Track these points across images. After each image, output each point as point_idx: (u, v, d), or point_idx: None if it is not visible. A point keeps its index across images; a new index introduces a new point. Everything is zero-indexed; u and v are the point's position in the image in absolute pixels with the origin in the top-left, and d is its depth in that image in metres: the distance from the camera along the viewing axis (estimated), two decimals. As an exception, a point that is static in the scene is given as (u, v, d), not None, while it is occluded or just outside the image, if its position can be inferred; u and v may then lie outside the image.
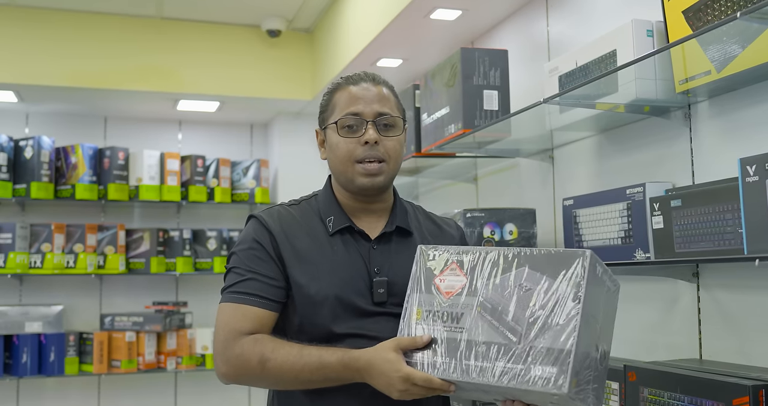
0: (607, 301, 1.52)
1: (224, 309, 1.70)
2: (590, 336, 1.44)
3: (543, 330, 1.41)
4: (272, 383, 1.70)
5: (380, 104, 1.77)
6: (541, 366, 1.39)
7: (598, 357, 1.48)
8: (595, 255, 1.45)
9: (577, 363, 1.37)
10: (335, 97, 1.80)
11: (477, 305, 1.51)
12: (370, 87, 1.79)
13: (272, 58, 5.16)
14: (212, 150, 5.66)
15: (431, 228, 1.91)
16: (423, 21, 3.55)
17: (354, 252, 1.76)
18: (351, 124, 1.75)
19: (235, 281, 1.72)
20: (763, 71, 1.92)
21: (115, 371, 5.01)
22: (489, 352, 1.46)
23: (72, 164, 5.02)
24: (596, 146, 2.73)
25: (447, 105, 2.97)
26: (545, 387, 1.37)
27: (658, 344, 2.35)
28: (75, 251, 4.99)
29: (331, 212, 1.80)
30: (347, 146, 1.75)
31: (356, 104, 1.76)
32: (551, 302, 1.43)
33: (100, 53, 4.80)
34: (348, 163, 1.75)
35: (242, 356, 1.64)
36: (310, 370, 1.60)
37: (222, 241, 5.41)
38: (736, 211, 1.81)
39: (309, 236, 1.77)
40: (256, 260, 1.72)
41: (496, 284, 1.51)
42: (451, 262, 1.59)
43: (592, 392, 1.45)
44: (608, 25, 2.53)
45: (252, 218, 1.80)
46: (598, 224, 2.39)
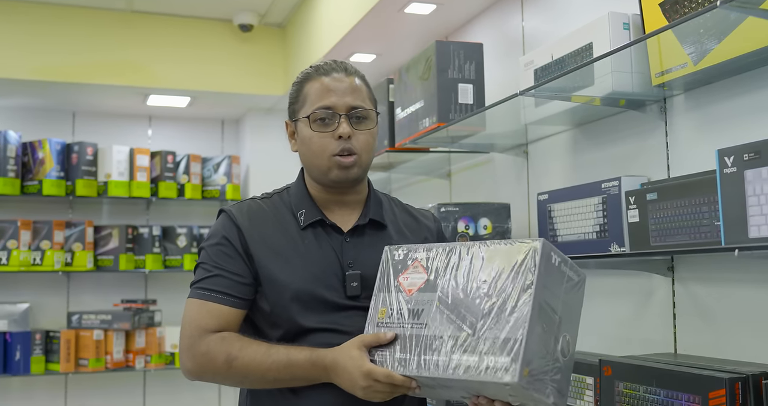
0: (568, 292, 1.51)
1: (191, 305, 1.69)
2: (546, 326, 1.43)
3: (495, 321, 1.42)
4: (238, 382, 1.68)
5: (353, 97, 1.73)
6: (493, 357, 1.39)
7: (559, 349, 1.46)
8: (549, 244, 1.46)
9: (528, 352, 1.37)
10: (306, 88, 1.76)
11: (436, 300, 1.52)
12: (343, 78, 1.75)
13: (244, 53, 5.11)
14: (183, 146, 5.59)
15: (407, 220, 1.89)
16: (397, 15, 3.53)
17: (326, 246, 1.74)
18: (323, 117, 1.72)
19: (202, 277, 1.70)
20: (739, 64, 1.91)
21: (82, 370, 4.94)
22: (446, 345, 1.46)
23: (39, 160, 4.93)
24: (571, 141, 2.72)
25: (421, 99, 2.95)
26: (496, 377, 1.37)
27: (632, 339, 2.34)
28: (42, 248, 4.90)
29: (302, 206, 1.77)
30: (320, 140, 1.72)
31: (328, 97, 1.72)
32: (504, 293, 1.43)
33: (69, 47, 4.72)
34: (322, 157, 1.72)
35: (208, 354, 1.63)
36: (278, 368, 1.59)
37: (192, 238, 5.35)
38: (712, 203, 1.80)
39: (280, 230, 1.74)
40: (224, 257, 1.70)
41: (454, 277, 1.52)
42: (414, 260, 1.61)
43: (551, 384, 1.43)
44: (583, 20, 2.52)
45: (222, 212, 1.77)
46: (573, 218, 2.38)
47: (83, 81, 4.75)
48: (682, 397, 1.71)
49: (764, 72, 1.92)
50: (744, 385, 1.62)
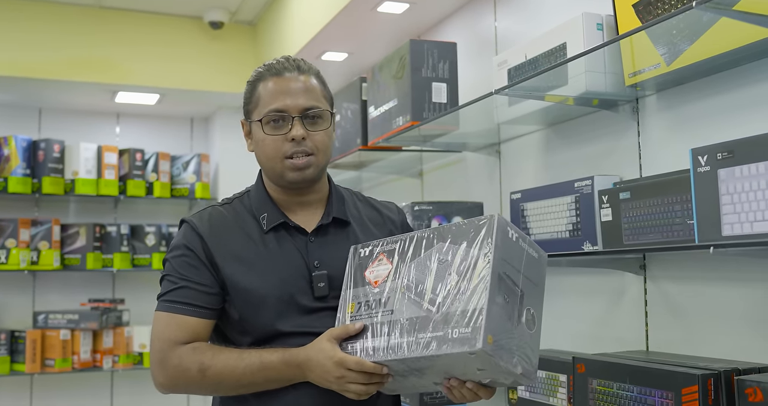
0: (529, 267, 1.53)
1: (159, 318, 1.67)
2: (508, 297, 1.45)
3: (457, 295, 1.44)
4: (213, 390, 1.67)
5: (306, 97, 1.71)
6: (457, 329, 1.41)
7: (524, 321, 1.48)
8: (504, 219, 1.49)
9: (491, 321, 1.38)
10: (258, 88, 1.74)
11: (400, 287, 1.55)
12: (295, 77, 1.72)
13: (214, 51, 5.08)
14: (151, 144, 5.54)
15: (371, 214, 1.88)
16: (369, 14, 3.52)
17: (291, 248, 1.72)
18: (276, 119, 1.70)
19: (168, 290, 1.68)
20: (711, 65, 1.94)
21: (48, 371, 4.87)
22: (413, 327, 1.48)
23: (4, 156, 4.86)
24: (543, 140, 2.74)
25: (395, 97, 2.95)
26: (462, 348, 1.38)
27: (605, 336, 2.36)
28: (7, 247, 4.83)
29: (264, 209, 1.75)
30: (274, 143, 1.70)
31: (281, 99, 1.69)
32: (464, 268, 1.46)
33: (36, 42, 4.66)
34: (276, 159, 1.71)
35: (180, 366, 1.61)
36: (252, 372, 1.59)
37: (161, 236, 5.30)
38: (685, 202, 1.82)
39: (243, 236, 1.72)
40: (188, 267, 1.68)
41: (418, 263, 1.55)
42: (380, 253, 1.64)
43: (518, 355, 1.44)
44: (556, 20, 2.53)
45: (183, 222, 1.75)
46: (546, 217, 2.39)
47: (50, 77, 4.69)
48: (655, 393, 1.73)
49: (736, 73, 1.94)
50: (716, 381, 1.64)
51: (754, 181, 1.57)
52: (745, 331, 1.90)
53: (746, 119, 1.91)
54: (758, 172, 1.56)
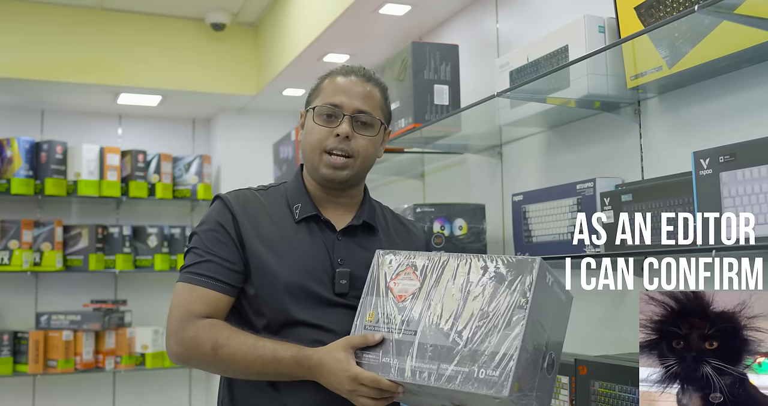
0: (557, 311, 1.54)
1: (180, 289, 1.69)
2: (537, 343, 1.46)
3: (489, 334, 1.44)
4: (222, 370, 1.69)
5: (362, 101, 1.75)
6: (485, 370, 1.41)
7: (545, 366, 1.49)
8: (545, 264, 1.48)
9: (519, 368, 1.39)
10: (324, 83, 1.80)
11: (427, 310, 1.54)
12: (359, 82, 1.77)
13: (216, 52, 5.08)
14: (153, 145, 5.54)
15: (399, 228, 1.91)
16: (371, 16, 3.53)
17: (318, 241, 1.75)
18: (328, 113, 1.74)
19: (193, 262, 1.70)
20: (713, 67, 1.94)
21: (51, 372, 4.87)
22: (437, 355, 1.48)
23: (7, 158, 4.87)
24: (545, 142, 2.74)
25: (397, 99, 2.95)
26: (487, 391, 1.39)
27: (607, 338, 2.36)
28: (10, 248, 4.83)
29: (298, 200, 1.79)
30: (320, 134, 1.74)
31: (339, 95, 1.75)
32: (498, 308, 1.45)
33: (39, 44, 4.66)
34: (316, 150, 1.75)
35: (196, 339, 1.63)
36: (263, 363, 1.60)
37: (163, 238, 5.31)
38: (687, 205, 1.83)
39: (274, 222, 1.75)
40: (216, 242, 1.70)
41: (448, 288, 1.54)
42: (407, 266, 1.63)
43: (536, 401, 1.46)
44: (557, 22, 2.54)
45: (217, 198, 1.78)
46: (547, 219, 2.40)
47: (53, 79, 4.69)
48: (657, 396, 1.73)
49: (738, 76, 1.95)
50: (718, 384, 1.64)
51: (756, 185, 1.57)
52: (747, 333, 1.90)
53: (748, 122, 1.91)
54: (760, 176, 1.57)
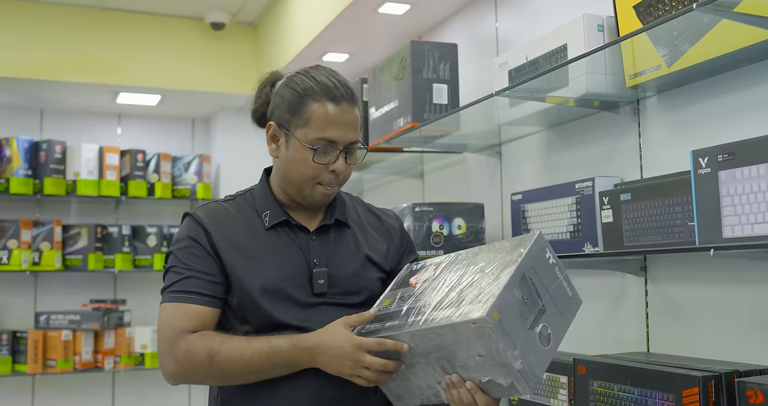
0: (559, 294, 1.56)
1: (165, 309, 1.68)
2: (527, 298, 1.49)
3: (479, 284, 1.50)
4: (221, 378, 1.66)
5: (354, 132, 1.73)
6: (469, 305, 1.45)
7: (538, 332, 1.49)
8: (544, 238, 1.56)
9: (501, 303, 1.42)
10: (311, 107, 1.70)
11: (435, 284, 1.61)
12: (349, 109, 1.71)
13: (215, 52, 5.08)
14: (153, 144, 5.54)
15: (371, 219, 1.91)
16: (371, 15, 3.52)
17: (292, 244, 1.75)
18: (326, 148, 1.70)
19: (174, 281, 1.69)
20: (712, 66, 1.93)
21: (50, 371, 4.87)
22: (430, 308, 1.53)
23: (6, 157, 4.86)
24: (544, 142, 2.74)
25: (396, 98, 2.95)
26: (465, 317, 1.42)
27: (606, 338, 2.36)
28: (9, 247, 4.83)
29: (267, 207, 1.78)
30: (315, 169, 1.71)
31: (334, 129, 1.69)
32: (494, 268, 1.52)
33: (38, 43, 4.66)
34: (309, 183, 1.73)
35: (189, 352, 1.62)
36: (260, 357, 1.60)
37: (162, 237, 5.31)
38: (686, 204, 1.82)
39: (246, 231, 1.75)
40: (194, 258, 1.70)
41: (456, 269, 1.62)
42: (429, 265, 1.72)
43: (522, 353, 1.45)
44: (556, 21, 2.53)
45: (187, 216, 1.77)
46: (546, 218, 2.39)
47: (52, 78, 4.69)
48: (655, 395, 1.73)
49: (737, 74, 1.94)
50: (717, 383, 1.64)
51: (755, 183, 1.57)
52: (746, 333, 1.89)
53: (747, 121, 1.91)
54: (759, 174, 1.56)
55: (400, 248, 1.90)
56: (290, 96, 1.73)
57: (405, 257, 1.91)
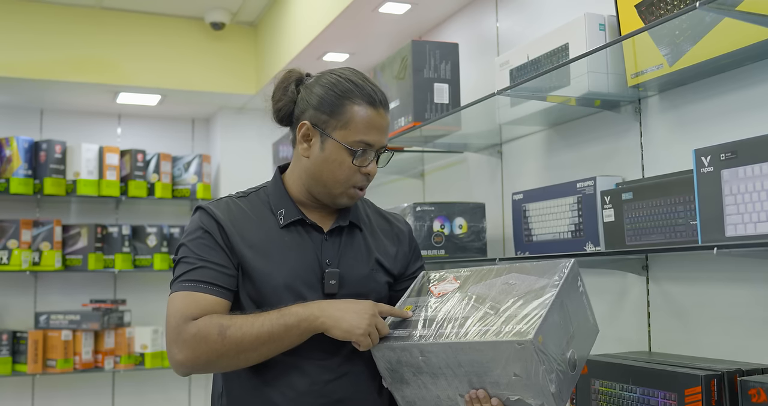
0: (582, 322, 1.58)
1: (175, 298, 1.63)
2: (563, 322, 1.49)
3: (520, 306, 1.49)
4: (233, 354, 1.58)
5: (386, 136, 1.76)
6: (511, 326, 1.45)
7: (569, 357, 1.51)
8: (577, 267, 1.57)
9: (545, 327, 1.42)
10: (352, 109, 1.70)
11: (464, 297, 1.61)
12: (384, 115, 1.74)
13: (215, 52, 5.08)
14: (153, 144, 5.54)
15: (381, 223, 1.91)
16: (371, 14, 3.52)
17: (306, 243, 1.74)
18: (363, 150, 1.71)
19: (185, 271, 1.65)
20: (713, 65, 1.94)
21: (50, 371, 4.87)
22: (468, 321, 1.53)
23: (6, 157, 4.86)
24: (545, 141, 2.73)
25: (397, 98, 2.95)
26: (511, 337, 1.42)
27: (608, 337, 2.36)
28: (9, 247, 4.83)
29: (281, 205, 1.77)
30: (350, 171, 1.72)
31: (373, 134, 1.71)
32: (532, 291, 1.52)
33: (37, 43, 4.66)
34: (342, 184, 1.73)
35: (199, 334, 1.57)
36: (271, 322, 1.57)
37: (162, 237, 5.30)
38: (687, 203, 1.82)
39: (258, 227, 1.73)
40: (206, 249, 1.67)
41: (485, 284, 1.62)
42: (450, 276, 1.72)
43: (557, 377, 1.45)
44: (558, 20, 2.53)
45: (199, 208, 1.75)
46: (548, 217, 2.39)
47: (52, 78, 4.68)
48: (658, 394, 1.73)
49: (739, 73, 1.94)
50: (719, 382, 1.64)
51: (758, 182, 1.57)
52: (749, 331, 1.89)
53: (749, 120, 1.91)
54: (761, 173, 1.56)
55: (408, 253, 1.89)
56: (329, 97, 1.72)
57: (412, 264, 1.90)
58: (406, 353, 1.59)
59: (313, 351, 1.67)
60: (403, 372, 1.62)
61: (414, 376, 1.61)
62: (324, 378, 1.67)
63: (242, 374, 1.70)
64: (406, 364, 1.60)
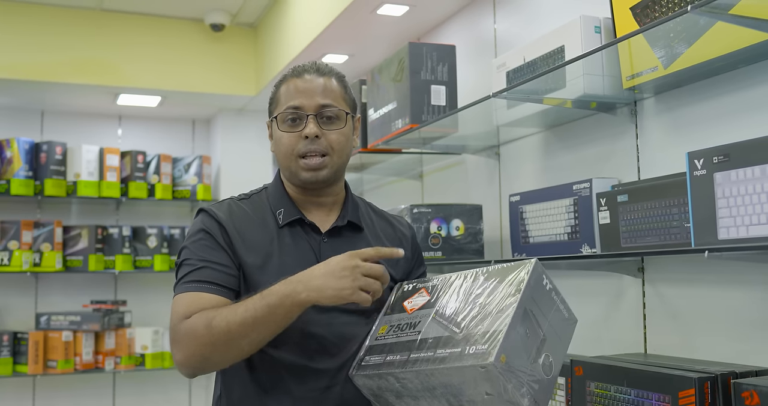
0: (557, 321, 1.56)
1: (176, 301, 1.63)
2: (529, 332, 1.48)
3: (482, 320, 1.48)
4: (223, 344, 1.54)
5: (323, 96, 1.73)
6: (474, 346, 1.44)
7: (541, 363, 1.50)
8: (541, 266, 1.54)
9: (508, 343, 1.41)
10: (281, 89, 1.78)
11: (432, 313, 1.60)
12: (315, 78, 1.75)
13: (215, 53, 5.08)
14: (153, 146, 5.55)
15: (383, 226, 1.90)
16: (369, 16, 3.53)
17: (304, 244, 1.74)
18: (293, 117, 1.73)
19: (187, 272, 1.66)
20: (708, 68, 1.94)
21: (51, 372, 4.88)
22: (436, 344, 1.52)
23: (7, 159, 4.87)
24: (542, 143, 2.74)
25: (394, 100, 2.95)
26: (474, 361, 1.41)
27: (603, 339, 2.36)
28: (9, 248, 4.84)
29: (281, 205, 1.77)
30: (289, 141, 1.73)
31: (298, 97, 1.73)
32: (493, 299, 1.51)
33: (38, 45, 4.66)
34: (290, 157, 1.73)
35: (189, 330, 1.55)
36: (254, 304, 1.52)
37: (162, 238, 5.31)
38: (682, 205, 1.83)
39: (260, 229, 1.74)
40: (208, 250, 1.68)
41: (452, 295, 1.60)
42: (421, 288, 1.70)
43: (529, 390, 1.46)
44: (554, 23, 2.54)
45: (201, 211, 1.76)
46: (544, 219, 2.40)
47: (52, 79, 4.69)
48: (652, 396, 1.73)
49: (733, 76, 1.95)
50: (713, 384, 1.64)
51: (750, 185, 1.57)
52: (743, 334, 1.90)
53: (744, 123, 1.91)
54: (754, 176, 1.56)
55: (411, 259, 1.89)
56: (272, 92, 1.83)
57: (415, 269, 1.90)
58: (384, 380, 1.60)
59: (312, 356, 1.67)
60: (387, 396, 1.64)
61: (397, 399, 1.62)
62: (322, 384, 1.67)
63: (240, 379, 1.70)
64: (386, 389, 1.61)
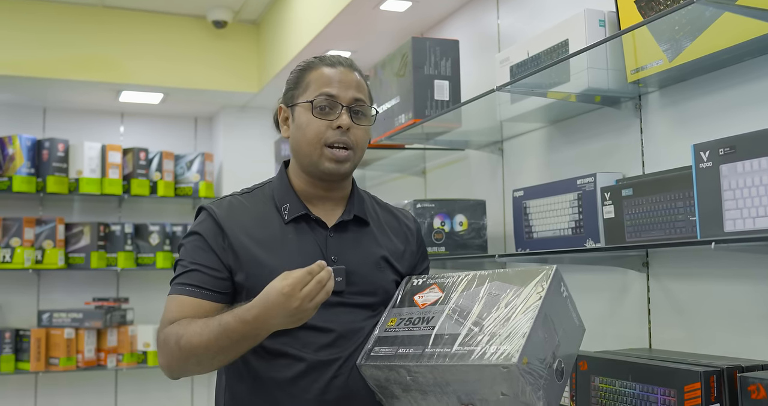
0: (569, 326, 1.57)
1: (168, 302, 1.68)
2: (547, 336, 1.49)
3: (502, 321, 1.48)
4: (195, 363, 1.56)
5: (356, 90, 1.73)
6: (496, 346, 1.44)
7: (555, 367, 1.51)
8: (560, 273, 1.56)
9: (530, 347, 1.42)
10: (309, 75, 1.75)
11: (447, 310, 1.60)
12: (349, 72, 1.75)
13: (218, 50, 5.08)
14: (155, 143, 5.54)
15: (389, 219, 1.88)
16: (372, 12, 3.52)
17: (310, 240, 1.72)
18: (325, 105, 1.71)
19: (178, 273, 1.69)
20: (713, 61, 1.93)
21: (53, 369, 4.87)
22: (452, 341, 1.52)
23: (9, 156, 4.87)
24: (546, 138, 2.73)
25: (397, 95, 2.94)
26: (496, 360, 1.41)
27: (608, 334, 2.35)
28: (12, 246, 4.83)
29: (286, 200, 1.75)
30: (318, 127, 1.70)
31: (333, 86, 1.71)
32: (515, 303, 1.51)
33: (40, 41, 4.66)
34: (316, 145, 1.71)
35: (165, 341, 1.59)
36: (217, 338, 1.50)
37: (165, 236, 5.30)
38: (687, 199, 1.82)
39: (262, 225, 1.72)
40: (199, 251, 1.68)
41: (468, 294, 1.60)
42: (432, 283, 1.70)
43: (543, 392, 1.45)
44: (558, 17, 2.52)
45: (202, 210, 1.75)
46: (548, 214, 2.39)
47: (54, 76, 4.69)
48: (657, 391, 1.72)
49: (738, 69, 1.94)
50: (719, 378, 1.63)
51: (756, 177, 1.56)
52: (748, 328, 1.89)
53: (749, 116, 1.90)
54: (760, 168, 1.55)
55: (416, 253, 1.88)
56: (293, 77, 1.80)
57: (419, 263, 1.89)
58: (394, 372, 1.59)
59: (318, 348, 1.66)
60: (393, 389, 1.62)
61: (404, 392, 1.61)
62: (327, 376, 1.66)
63: (244, 371, 1.69)
64: (394, 382, 1.60)
